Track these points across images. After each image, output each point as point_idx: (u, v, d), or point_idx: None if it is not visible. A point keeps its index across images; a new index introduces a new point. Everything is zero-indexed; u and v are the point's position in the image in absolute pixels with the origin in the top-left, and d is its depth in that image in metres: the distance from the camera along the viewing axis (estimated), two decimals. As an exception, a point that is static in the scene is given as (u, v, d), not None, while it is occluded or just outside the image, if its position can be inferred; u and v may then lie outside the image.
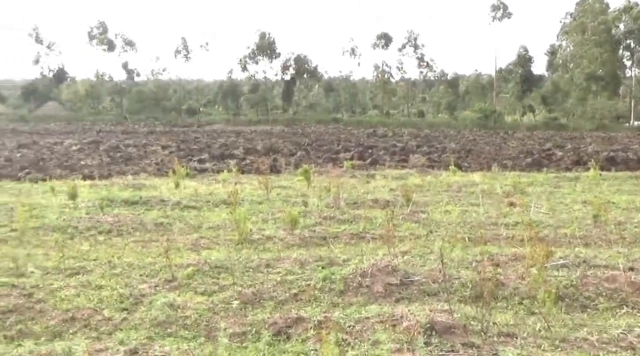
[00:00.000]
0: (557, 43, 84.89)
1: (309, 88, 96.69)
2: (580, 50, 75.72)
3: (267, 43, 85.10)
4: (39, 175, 17.06)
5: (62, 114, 77.97)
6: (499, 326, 5.19)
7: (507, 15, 79.66)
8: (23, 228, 8.67)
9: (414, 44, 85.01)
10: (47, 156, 23.77)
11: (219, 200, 12.49)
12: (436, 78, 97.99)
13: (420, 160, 22.66)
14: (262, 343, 5.11)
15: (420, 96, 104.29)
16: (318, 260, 7.35)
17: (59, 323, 5.50)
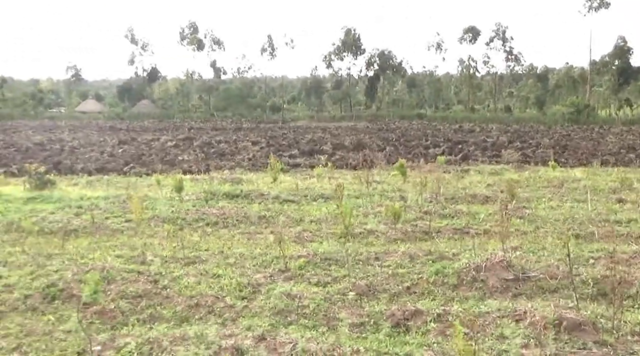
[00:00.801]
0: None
1: (392, 84, 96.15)
2: (683, 40, 71.38)
3: (352, 39, 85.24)
4: (142, 169, 17.87)
5: (154, 112, 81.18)
6: (630, 325, 4.98)
7: (604, 5, 76.09)
8: (138, 219, 9.09)
9: (502, 37, 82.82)
10: (146, 152, 24.82)
11: (316, 194, 12.63)
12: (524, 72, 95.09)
13: (514, 156, 22.04)
14: (382, 334, 5.14)
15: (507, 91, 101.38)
16: (427, 254, 7.30)
17: (185, 309, 5.74)
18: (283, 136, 36.04)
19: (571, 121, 62.21)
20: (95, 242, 8.70)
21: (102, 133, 40.31)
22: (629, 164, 19.84)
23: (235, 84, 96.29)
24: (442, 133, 37.94)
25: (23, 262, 7.07)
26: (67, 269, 6.62)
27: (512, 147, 26.18)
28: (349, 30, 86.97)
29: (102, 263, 6.76)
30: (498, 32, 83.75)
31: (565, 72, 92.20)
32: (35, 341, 4.96)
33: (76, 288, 6.04)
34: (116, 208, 11.15)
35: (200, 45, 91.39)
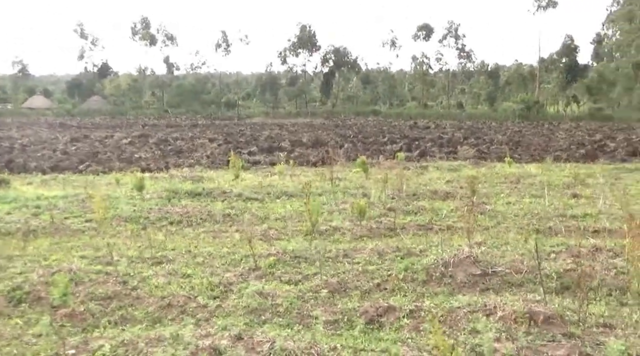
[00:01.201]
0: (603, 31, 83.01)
1: (347, 80, 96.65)
2: (628, 39, 73.79)
3: (308, 35, 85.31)
4: (98, 167, 17.51)
5: (105, 108, 79.53)
6: (595, 317, 5.18)
7: (552, 4, 78.05)
8: (101, 219, 8.93)
9: (454, 34, 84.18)
10: (100, 149, 24.32)
11: (280, 191, 12.63)
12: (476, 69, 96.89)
13: (470, 152, 22.49)
14: (357, 330, 5.20)
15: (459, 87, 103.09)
16: (395, 250, 7.41)
17: (157, 309, 5.68)
18: (240, 133, 35.83)
19: (521, 117, 63.71)
20: (57, 243, 8.51)
21: (53, 130, 39.29)
22: (579, 160, 20.46)
23: (189, 80, 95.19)
24: (399, 130, 38.35)
25: (-17, 265, 6.88)
26: (31, 271, 6.48)
27: (467, 144, 26.68)
28: (304, 26, 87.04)
29: (67, 265, 6.62)
30: (451, 30, 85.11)
31: (515, 69, 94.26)
32: (4, 346, 4.84)
33: (43, 290, 5.91)
34: (75, 207, 10.93)
35: (153, 40, 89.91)
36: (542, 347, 4.61)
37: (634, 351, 4.44)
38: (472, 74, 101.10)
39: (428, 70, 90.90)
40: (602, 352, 4.48)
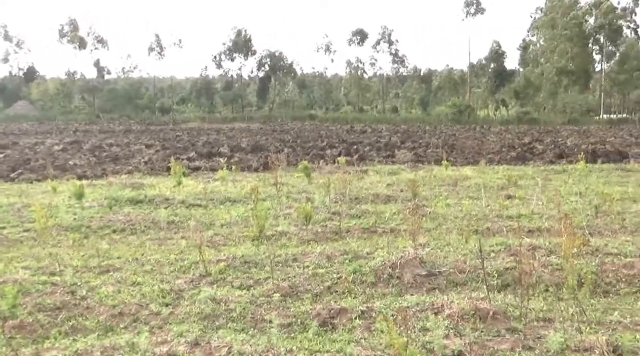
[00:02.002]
0: (528, 38, 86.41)
1: (282, 85, 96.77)
2: (551, 45, 77.18)
3: (243, 40, 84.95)
4: (31, 175, 16.97)
5: (32, 114, 76.77)
6: (535, 312, 5.48)
7: (480, 11, 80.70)
8: (42, 229, 8.73)
9: (388, 39, 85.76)
10: (32, 156, 23.53)
11: (223, 197, 12.63)
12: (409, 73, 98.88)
13: (407, 156, 23.02)
14: (311, 333, 5.31)
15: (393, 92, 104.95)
16: (343, 253, 7.57)
17: (108, 318, 5.63)
18: (177, 138, 35.39)
19: (454, 121, 65.50)
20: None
21: (-23, 136, 37.71)
22: (511, 162, 21.28)
23: (121, 85, 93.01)
24: (336, 134, 38.76)
25: None
26: (-27, 284, 6.28)
27: (404, 147, 27.26)
28: (240, 30, 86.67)
29: (12, 276, 6.46)
30: (384, 35, 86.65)
31: (446, 74, 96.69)
32: (-48, 361, 4.71)
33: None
34: (11, 217, 10.62)
35: (83, 43, 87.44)
36: (488, 342, 4.86)
37: (571, 343, 4.74)
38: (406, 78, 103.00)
39: (363, 74, 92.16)
40: (543, 345, 4.76)
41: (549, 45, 78.24)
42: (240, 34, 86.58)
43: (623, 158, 21.24)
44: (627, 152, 23.15)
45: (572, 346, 4.67)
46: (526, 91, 77.58)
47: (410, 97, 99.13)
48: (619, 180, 15.07)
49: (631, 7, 79.01)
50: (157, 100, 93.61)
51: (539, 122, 63.31)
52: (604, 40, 77.38)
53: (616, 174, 16.49)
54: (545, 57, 79.53)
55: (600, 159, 20.50)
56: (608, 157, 21.33)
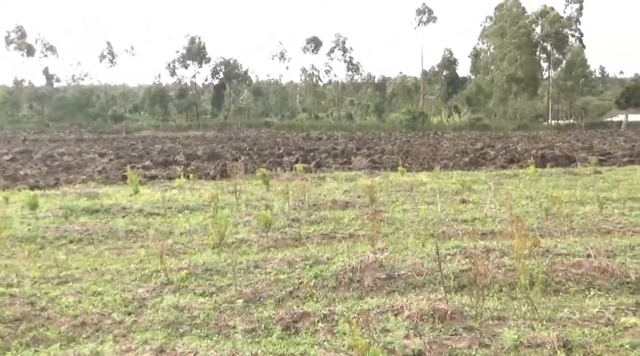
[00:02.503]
0: (479, 46, 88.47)
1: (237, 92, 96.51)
2: (501, 53, 79.23)
3: (197, 47, 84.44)
4: (-19, 186, 16.56)
5: (-22, 123, 74.63)
6: (490, 311, 5.70)
7: (432, 19, 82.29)
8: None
9: (342, 47, 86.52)
10: (-20, 167, 22.92)
11: (181, 206, 12.61)
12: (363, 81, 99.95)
13: (363, 162, 23.31)
14: (274, 337, 5.40)
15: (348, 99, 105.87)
16: (304, 259, 7.68)
17: (70, 329, 5.60)
18: (131, 147, 34.95)
19: (408, 128, 66.53)
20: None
21: None
22: (464, 167, 21.78)
23: (71, 93, 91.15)
24: (293, 142, 38.90)
25: None
26: None
27: (360, 154, 27.58)
28: (193, 38, 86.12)
29: (-31, 289, 6.35)
30: (338, 43, 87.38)
31: (400, 81, 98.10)
32: None
33: (-53, 316, 5.66)
34: (-38, 229, 10.35)
35: (31, 50, 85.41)
36: (446, 341, 5.04)
37: (524, 339, 4.96)
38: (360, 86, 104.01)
39: (318, 82, 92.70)
40: (498, 342, 4.97)
41: (499, 53, 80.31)
42: (194, 41, 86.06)
43: (571, 163, 21.99)
44: (574, 156, 23.97)
45: (525, 343, 4.89)
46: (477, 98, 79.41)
47: (364, 104, 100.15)
48: (567, 184, 15.62)
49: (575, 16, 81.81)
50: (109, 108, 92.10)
51: (491, 128, 64.88)
52: (550, 48, 79.84)
53: (564, 178, 17.09)
54: (496, 64, 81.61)
55: (549, 163, 21.20)
56: (557, 161, 22.07)
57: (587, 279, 6.64)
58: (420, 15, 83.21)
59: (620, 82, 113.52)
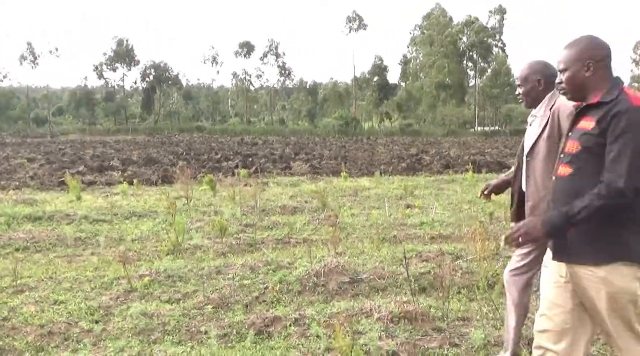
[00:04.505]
0: (408, 54, 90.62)
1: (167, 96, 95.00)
2: (429, 61, 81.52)
3: (125, 50, 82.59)
4: None
5: None
6: (454, 312, 5.96)
7: (362, 27, 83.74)
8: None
9: (275, 52, 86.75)
10: None
11: (128, 212, 12.39)
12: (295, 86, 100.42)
13: (303, 168, 23.50)
14: (249, 341, 5.46)
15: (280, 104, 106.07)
16: (266, 264, 7.75)
17: (37, 338, 5.47)
18: (61, 152, 33.82)
19: (341, 133, 67.37)
20: None
21: None
22: (402, 173, 22.32)
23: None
24: (228, 147, 38.68)
25: None
26: None
27: (299, 159, 27.76)
28: (122, 40, 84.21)
29: None
30: (272, 48, 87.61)
31: (332, 87, 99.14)
32: None
33: None
34: None
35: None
36: (418, 341, 5.24)
37: (491, 339, 5.24)
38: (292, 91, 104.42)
39: (250, 87, 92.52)
40: (467, 341, 5.22)
41: (428, 61, 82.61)
42: (122, 43, 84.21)
43: (502, 168, 22.91)
44: (505, 162, 24.99)
45: (492, 342, 5.16)
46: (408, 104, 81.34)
47: (297, 109, 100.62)
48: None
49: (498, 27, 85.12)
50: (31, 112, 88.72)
51: (421, 134, 66.54)
52: (477, 57, 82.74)
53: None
54: (425, 72, 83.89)
55: (483, 169, 22.02)
56: (489, 167, 22.97)
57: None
58: (351, 22, 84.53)
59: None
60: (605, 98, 3.15)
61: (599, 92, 3.20)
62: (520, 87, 4.38)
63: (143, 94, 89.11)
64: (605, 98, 3.15)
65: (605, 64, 3.24)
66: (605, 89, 3.19)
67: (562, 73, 3.36)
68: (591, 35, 3.38)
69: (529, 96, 4.32)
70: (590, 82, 3.23)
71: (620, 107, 3.04)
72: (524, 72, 4.30)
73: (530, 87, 4.29)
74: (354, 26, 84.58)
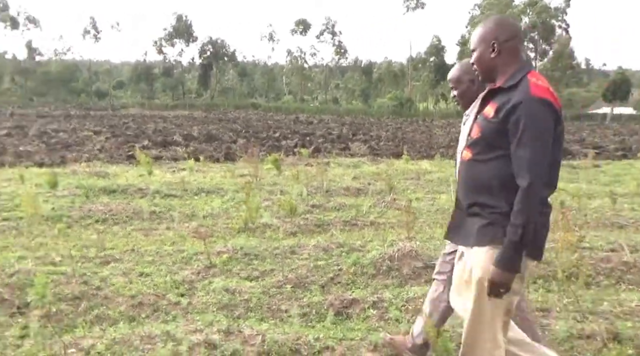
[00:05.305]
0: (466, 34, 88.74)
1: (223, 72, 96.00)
2: (488, 42, 79.53)
3: (184, 26, 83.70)
4: (-14, 161, 16.51)
5: (-40, 95, 73.41)
6: (533, 302, 5.97)
7: (420, 6, 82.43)
8: (31, 218, 8.65)
9: (331, 30, 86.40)
10: (-25, 141, 22.73)
11: (196, 188, 12.71)
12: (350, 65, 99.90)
13: (362, 149, 23.53)
14: (328, 322, 5.62)
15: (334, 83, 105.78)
16: (338, 246, 7.89)
17: (129, 308, 5.76)
18: (124, 125, 34.75)
19: (395, 113, 66.76)
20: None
21: None
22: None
23: (54, 67, 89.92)
24: (285, 125, 38.94)
25: None
26: (-20, 274, 6.27)
27: (356, 140, 27.78)
28: (180, 16, 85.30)
29: (23, 266, 6.47)
30: (328, 26, 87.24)
31: (386, 66, 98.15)
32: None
33: (6, 292, 5.79)
34: (-18, 205, 10.42)
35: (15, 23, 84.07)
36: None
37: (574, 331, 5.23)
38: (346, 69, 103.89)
39: (304, 64, 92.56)
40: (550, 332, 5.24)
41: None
42: (181, 19, 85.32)
43: (565, 155, 22.40)
44: (568, 148, 24.39)
45: (575, 334, 5.17)
46: (464, 86, 79.78)
47: (351, 88, 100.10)
48: (570, 177, 16.01)
49: (563, 7, 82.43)
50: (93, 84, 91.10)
51: (477, 117, 65.30)
52: (538, 38, 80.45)
53: (565, 171, 17.46)
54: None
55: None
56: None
57: (617, 273, 6.95)
58: (408, 1, 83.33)
59: (604, 74, 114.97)
60: (506, 83, 3.08)
61: (503, 76, 3.13)
62: (454, 89, 4.21)
63: (200, 70, 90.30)
64: (506, 83, 3.08)
65: (511, 45, 3.15)
66: (510, 73, 3.11)
67: (472, 54, 3.32)
68: (499, 16, 3.37)
69: (464, 97, 4.13)
70: (497, 64, 3.16)
71: (518, 96, 2.95)
72: (456, 73, 4.13)
73: (465, 88, 4.12)
74: (411, 5, 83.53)
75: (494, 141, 3.06)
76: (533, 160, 2.87)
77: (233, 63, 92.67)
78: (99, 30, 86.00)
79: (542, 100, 2.93)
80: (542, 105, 2.92)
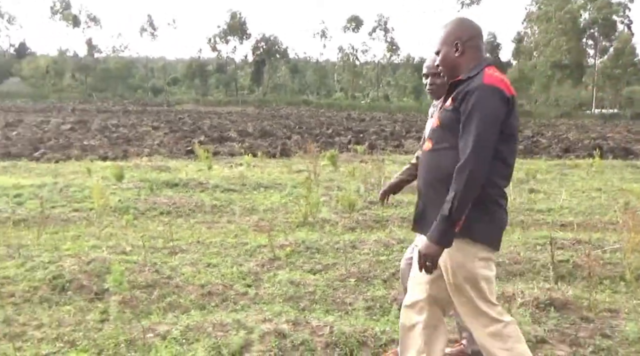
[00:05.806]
0: (522, 30, 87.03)
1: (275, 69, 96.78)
2: (545, 38, 77.79)
3: (238, 23, 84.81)
4: (55, 155, 17.16)
5: (24, 91, 76.17)
6: (601, 303, 5.89)
7: (475, 2, 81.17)
8: (100, 209, 9.01)
9: (384, 27, 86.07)
10: (42, 135, 23.64)
11: (255, 183, 12.96)
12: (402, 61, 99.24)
13: (415, 146, 23.40)
14: (392, 316, 5.68)
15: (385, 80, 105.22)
16: (399, 242, 7.95)
17: (198, 297, 5.96)
18: (180, 121, 35.52)
19: (447, 111, 65.90)
20: (55, 232, 8.58)
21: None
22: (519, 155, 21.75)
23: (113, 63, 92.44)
24: (337, 122, 39.07)
25: (3, 254, 6.92)
26: (60, 261, 6.57)
27: (409, 137, 27.67)
28: (235, 13, 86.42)
29: (99, 255, 6.77)
30: (380, 23, 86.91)
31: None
32: (72, 331, 5.02)
33: (84, 279, 6.08)
34: (58, 197, 10.87)
35: (76, 21, 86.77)
36: (567, 329, 5.25)
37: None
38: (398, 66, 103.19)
39: (355, 61, 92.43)
40: (619, 334, 5.15)
41: (543, 38, 78.84)
42: (235, 16, 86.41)
43: (628, 155, 21.80)
44: (630, 148, 23.71)
45: (632, 337, 5.09)
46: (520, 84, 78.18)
47: (402, 85, 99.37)
48: (634, 177, 15.58)
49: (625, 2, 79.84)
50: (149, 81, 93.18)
51: (533, 115, 64.00)
52: (598, 34, 78.16)
53: (628, 170, 17.02)
54: (539, 50, 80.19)
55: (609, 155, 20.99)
56: (614, 153, 21.86)
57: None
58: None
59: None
60: (465, 75, 3.18)
61: (465, 71, 3.23)
62: (428, 78, 4.25)
63: (252, 67, 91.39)
64: (465, 75, 3.18)
65: (473, 44, 3.27)
66: (470, 68, 3.22)
67: (437, 55, 3.41)
68: (460, 17, 3.48)
69: (442, 87, 4.02)
70: (460, 62, 3.27)
71: (472, 84, 3.05)
72: (433, 64, 4.01)
73: (442, 79, 3.96)
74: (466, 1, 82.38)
75: (452, 130, 3.15)
76: (475, 141, 2.94)
77: (285, 60, 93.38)
78: (155, 28, 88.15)
79: (493, 87, 3.04)
80: (493, 92, 3.03)
